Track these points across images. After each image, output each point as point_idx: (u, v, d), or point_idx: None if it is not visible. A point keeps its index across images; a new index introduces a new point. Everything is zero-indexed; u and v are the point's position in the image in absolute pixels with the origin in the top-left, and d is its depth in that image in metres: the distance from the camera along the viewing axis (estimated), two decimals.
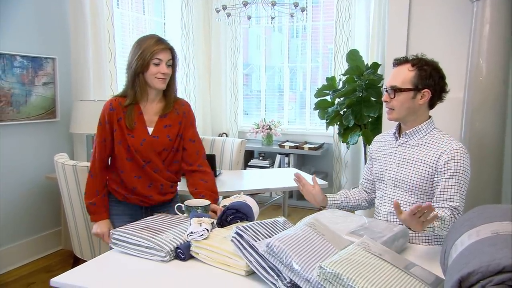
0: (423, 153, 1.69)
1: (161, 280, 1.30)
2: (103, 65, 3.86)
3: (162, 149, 1.94)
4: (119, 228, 1.51)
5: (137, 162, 1.92)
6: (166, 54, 1.88)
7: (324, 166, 5.29)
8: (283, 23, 5.53)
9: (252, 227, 1.35)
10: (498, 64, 2.19)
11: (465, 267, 0.92)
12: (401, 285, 1.11)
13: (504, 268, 0.86)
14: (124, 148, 1.91)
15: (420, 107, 1.70)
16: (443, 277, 1.22)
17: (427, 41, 2.59)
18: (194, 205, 1.74)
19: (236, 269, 1.33)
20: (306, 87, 5.54)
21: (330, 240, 1.31)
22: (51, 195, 3.56)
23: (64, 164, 2.67)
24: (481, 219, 1.11)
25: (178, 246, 1.43)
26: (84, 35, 3.64)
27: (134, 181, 1.94)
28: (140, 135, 1.91)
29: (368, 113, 4.20)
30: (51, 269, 3.28)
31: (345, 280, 1.08)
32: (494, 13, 2.18)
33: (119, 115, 1.91)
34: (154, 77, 1.87)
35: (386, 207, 1.76)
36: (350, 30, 4.96)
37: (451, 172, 1.61)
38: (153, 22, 5.13)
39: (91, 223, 2.66)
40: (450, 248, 1.13)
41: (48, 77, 3.54)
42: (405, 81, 1.67)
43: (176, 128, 1.97)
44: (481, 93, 2.21)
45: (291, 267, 1.18)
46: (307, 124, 5.52)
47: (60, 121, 3.63)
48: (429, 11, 2.61)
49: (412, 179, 1.68)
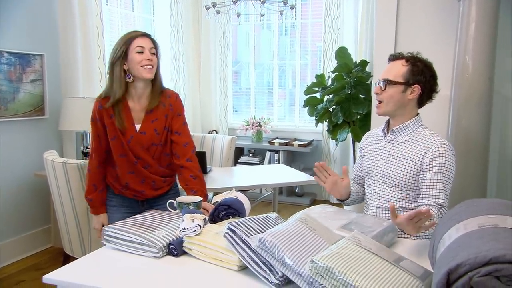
0: (409, 150, 1.71)
1: (154, 276, 1.30)
2: (92, 62, 3.83)
3: (150, 144, 1.93)
4: (111, 225, 1.51)
5: (130, 158, 1.92)
6: (146, 41, 1.85)
7: (313, 162, 5.22)
8: (272, 21, 5.54)
9: (245, 223, 1.36)
10: (483, 62, 2.22)
11: (453, 260, 0.94)
12: (392, 278, 1.13)
13: (490, 260, 0.88)
14: (118, 144, 1.91)
15: (409, 102, 1.73)
16: (431, 270, 1.24)
17: (414, 40, 2.62)
18: (186, 201, 1.74)
19: (228, 264, 1.34)
20: (295, 84, 5.56)
21: (322, 235, 1.33)
22: (40, 192, 3.53)
23: (54, 161, 2.65)
24: (468, 213, 1.13)
25: (171, 242, 1.44)
26: (72, 31, 3.61)
27: (127, 176, 1.95)
28: (128, 132, 1.90)
29: (357, 110, 4.23)
30: (41, 266, 3.25)
31: (336, 274, 1.10)
32: (479, 12, 2.21)
33: (110, 112, 1.90)
34: (139, 66, 1.82)
35: (375, 202, 1.79)
36: (339, 28, 4.99)
37: (436, 170, 1.64)
38: (142, 19, 5.10)
39: (82, 220, 2.69)
40: (438, 241, 1.16)
41: (36, 74, 3.50)
42: (397, 75, 1.71)
43: (162, 121, 1.94)
44: (467, 90, 2.24)
45: (283, 262, 1.19)
46: (297, 121, 5.54)
47: (49, 118, 3.60)
48: (417, 10, 2.64)
49: (398, 176, 1.71)
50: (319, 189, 5.23)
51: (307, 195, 5.25)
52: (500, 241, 0.94)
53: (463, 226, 1.08)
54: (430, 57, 1.76)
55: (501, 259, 0.87)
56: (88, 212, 2.68)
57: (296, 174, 3.58)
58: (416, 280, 1.16)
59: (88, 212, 2.68)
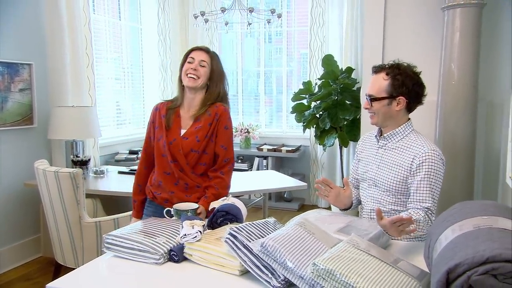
0: (399, 156, 1.75)
1: (157, 282, 1.31)
2: (81, 71, 3.81)
3: (189, 150, 1.99)
4: (111, 233, 1.50)
5: (168, 158, 2.00)
6: (200, 53, 1.99)
7: (301, 168, 5.37)
8: (258, 29, 5.59)
9: (245, 228, 1.38)
10: (468, 69, 2.29)
11: (452, 260, 0.97)
12: (391, 279, 1.16)
13: (487, 259, 0.92)
14: (161, 144, 2.01)
15: (397, 112, 1.76)
16: (427, 271, 1.28)
17: (401, 48, 2.69)
18: (184, 208, 1.75)
19: (230, 269, 1.35)
20: (282, 91, 5.61)
21: (320, 239, 1.35)
22: (30, 202, 3.49)
23: (46, 170, 2.63)
24: (463, 214, 1.17)
25: (172, 248, 1.44)
26: (61, 40, 3.59)
27: (163, 176, 2.04)
28: (172, 135, 2.01)
29: (343, 116, 4.29)
30: (31, 276, 3.21)
31: (338, 276, 1.12)
32: (463, 21, 2.28)
33: (162, 113, 2.05)
34: (185, 74, 1.97)
35: (369, 205, 1.83)
36: (324, 36, 5.06)
37: (423, 175, 1.67)
38: (129, 27, 5.09)
39: (74, 229, 2.66)
40: (434, 242, 1.19)
41: (24, 83, 3.47)
42: (380, 90, 1.74)
43: (205, 129, 2.00)
44: (453, 96, 2.31)
45: (285, 265, 1.22)
46: (284, 127, 5.58)
47: (38, 128, 3.57)
48: (403, 19, 2.71)
49: (389, 181, 1.75)
50: (307, 194, 5.27)
51: (295, 200, 5.28)
52: (495, 241, 0.98)
53: (459, 227, 1.11)
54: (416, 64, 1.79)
55: (498, 258, 0.91)
56: (81, 221, 2.66)
57: (285, 180, 3.61)
58: (413, 281, 1.20)
59: (81, 221, 2.66)
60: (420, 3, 2.66)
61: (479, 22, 2.30)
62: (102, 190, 3.21)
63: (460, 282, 0.93)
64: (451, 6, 2.31)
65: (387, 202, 1.77)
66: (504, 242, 0.96)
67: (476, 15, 2.27)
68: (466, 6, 2.27)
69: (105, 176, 3.60)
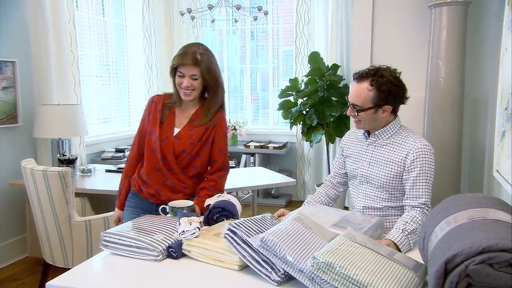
0: (392, 152, 1.77)
1: (156, 278, 1.31)
2: (66, 68, 3.76)
3: (181, 151, 1.96)
4: (109, 230, 1.50)
5: (158, 156, 1.97)
6: (188, 69, 1.87)
7: (288, 164, 5.41)
8: (244, 26, 5.59)
9: (244, 224, 1.39)
10: (455, 66, 2.35)
11: (449, 250, 1.01)
12: (388, 271, 1.19)
13: (484, 249, 0.95)
14: (153, 139, 1.98)
15: (383, 118, 1.77)
16: (422, 262, 1.32)
17: (389, 46, 2.73)
18: (179, 206, 1.76)
19: (229, 264, 1.37)
20: (267, 88, 5.63)
21: (318, 233, 1.38)
22: (16, 202, 3.44)
23: (34, 169, 2.59)
24: (456, 207, 1.21)
25: (170, 245, 1.45)
26: (45, 37, 3.53)
27: (151, 172, 2.00)
28: (165, 132, 1.98)
29: (330, 113, 4.33)
30: (18, 277, 3.16)
31: (337, 269, 1.15)
32: (450, 19, 2.34)
33: (159, 108, 2.01)
34: (179, 86, 1.93)
35: (361, 202, 1.85)
36: (310, 33, 5.09)
37: (418, 170, 1.70)
38: (113, 24, 5.04)
39: (63, 228, 2.64)
40: (429, 235, 1.23)
41: (8, 81, 3.40)
42: (366, 101, 1.72)
43: (200, 133, 1.97)
44: (441, 92, 2.36)
45: (285, 259, 1.24)
46: (271, 124, 5.61)
47: (23, 126, 3.51)
48: (391, 17, 2.75)
49: (383, 178, 1.77)
50: (294, 190, 5.31)
51: (283, 196, 5.32)
52: (490, 231, 1.01)
53: (453, 219, 1.15)
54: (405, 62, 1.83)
55: (494, 247, 0.94)
56: (71, 220, 2.64)
57: (274, 176, 3.63)
58: (409, 272, 1.23)
59: (71, 220, 2.64)
60: (407, 1, 2.70)
61: (465, 20, 2.35)
62: (90, 189, 3.18)
63: (458, 272, 0.96)
64: (438, 4, 2.36)
65: (380, 199, 1.80)
66: (498, 232, 1.00)
67: (462, 13, 2.33)
68: (452, 4, 2.32)
69: (92, 175, 3.57)
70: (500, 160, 1.71)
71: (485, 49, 2.57)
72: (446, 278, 0.98)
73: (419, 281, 1.23)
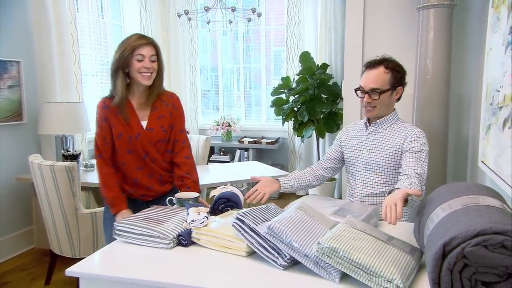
0: (391, 139, 1.84)
1: (168, 264, 1.32)
2: (68, 68, 3.73)
3: (157, 140, 1.94)
4: (122, 220, 1.51)
5: (138, 153, 1.92)
6: (148, 49, 1.82)
7: (280, 158, 5.43)
8: (237, 27, 5.59)
9: (251, 213, 1.41)
10: (441, 65, 2.39)
11: (446, 234, 1.03)
12: (387, 254, 1.22)
13: (479, 232, 0.98)
14: (125, 141, 1.90)
15: (393, 101, 1.88)
16: (417, 246, 1.35)
17: (380, 45, 2.76)
18: (186, 197, 1.77)
19: (237, 251, 1.38)
20: (260, 86, 5.64)
21: (320, 221, 1.40)
22: (22, 195, 3.42)
23: (41, 164, 2.58)
24: (450, 195, 1.24)
25: (180, 233, 1.46)
26: (48, 38, 3.50)
27: (136, 172, 1.94)
28: (134, 129, 1.90)
29: (320, 109, 4.36)
30: (25, 267, 3.14)
31: (341, 253, 1.17)
32: (436, 21, 2.37)
33: (114, 111, 1.90)
34: (138, 72, 1.83)
35: (359, 189, 1.89)
36: (300, 34, 5.11)
37: (416, 149, 1.76)
38: (112, 25, 4.99)
39: (70, 220, 2.63)
40: (425, 221, 1.26)
41: (13, 80, 3.37)
42: (385, 83, 1.81)
43: (168, 119, 1.96)
44: (428, 90, 2.40)
45: (291, 245, 1.26)
46: (263, 121, 5.62)
47: (27, 123, 3.48)
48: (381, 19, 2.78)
49: (382, 160, 1.83)
50: None
51: None
52: (484, 216, 1.04)
53: (448, 206, 1.18)
54: None
55: (488, 230, 0.97)
56: (77, 212, 2.63)
57: (268, 169, 3.65)
58: (406, 255, 1.26)
59: (77, 212, 2.63)
60: (396, 4, 2.73)
61: (451, 21, 2.39)
62: (94, 183, 3.16)
63: (455, 254, 0.99)
64: (425, 6, 2.39)
65: (377, 184, 1.84)
66: (492, 216, 1.03)
67: (448, 15, 2.36)
68: (438, 6, 2.35)
69: (95, 170, 3.55)
70: (485, 151, 1.75)
71: (469, 49, 2.61)
72: (444, 259, 1.01)
73: (416, 264, 1.26)
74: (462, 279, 0.99)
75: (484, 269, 0.98)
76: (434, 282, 1.02)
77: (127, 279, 1.23)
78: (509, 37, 1.35)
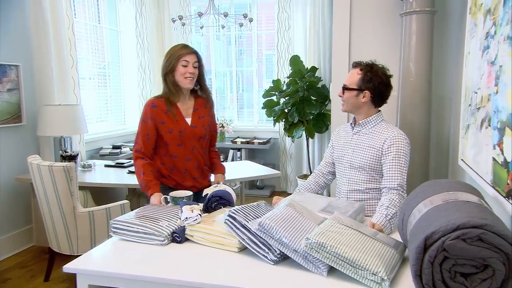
0: (372, 140, 1.85)
1: (164, 260, 1.32)
2: (66, 72, 3.69)
3: (200, 137, 2.13)
4: (117, 218, 1.50)
5: (187, 145, 2.10)
6: (192, 57, 2.05)
7: (272, 158, 5.44)
8: (230, 32, 5.58)
9: (242, 210, 1.41)
10: (423, 67, 2.41)
11: (428, 228, 1.05)
12: (372, 248, 1.23)
13: (458, 226, 0.99)
14: (175, 135, 2.07)
15: (363, 104, 1.85)
16: (401, 241, 1.36)
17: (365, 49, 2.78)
18: (180, 195, 1.77)
19: (229, 247, 1.38)
20: (252, 89, 5.65)
21: (308, 217, 1.41)
22: (21, 195, 3.38)
23: (40, 165, 2.56)
24: (431, 191, 1.25)
25: (174, 230, 1.46)
26: (46, 43, 3.47)
27: (186, 163, 2.12)
28: (181, 125, 2.09)
29: (310, 111, 4.38)
30: (25, 264, 3.11)
31: (329, 248, 1.18)
32: (418, 26, 2.39)
33: (164, 109, 2.08)
34: (183, 77, 2.03)
35: (345, 186, 1.90)
36: (290, 38, 5.12)
37: (393, 154, 1.78)
38: (108, 30, 4.97)
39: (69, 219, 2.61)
40: (408, 216, 1.27)
41: (12, 84, 3.33)
42: (352, 82, 1.85)
43: (207, 119, 2.18)
44: (411, 91, 2.42)
45: (281, 241, 1.26)
46: (255, 122, 5.63)
47: (26, 125, 3.45)
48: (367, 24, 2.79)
49: (364, 161, 1.84)
50: (277, 181, 5.35)
51: (267, 187, 5.35)
52: (463, 211, 1.06)
53: (430, 202, 1.19)
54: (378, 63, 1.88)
55: (467, 224, 0.98)
56: (75, 211, 2.61)
57: (260, 169, 3.65)
58: (390, 249, 1.27)
59: (75, 211, 2.61)
60: (381, 10, 2.75)
61: (432, 26, 2.41)
62: (92, 182, 3.15)
63: (436, 247, 1.00)
64: (408, 12, 2.42)
65: (361, 181, 1.86)
66: (470, 211, 1.05)
67: (429, 20, 2.38)
68: (420, 12, 2.37)
69: (92, 170, 3.53)
70: (464, 150, 1.77)
71: (449, 53, 2.64)
72: (425, 252, 1.02)
73: (399, 257, 1.27)
74: (442, 270, 1.01)
75: (462, 261, 0.99)
76: (416, 274, 1.03)
77: (122, 275, 1.23)
78: (485, 42, 1.36)
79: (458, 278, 1.00)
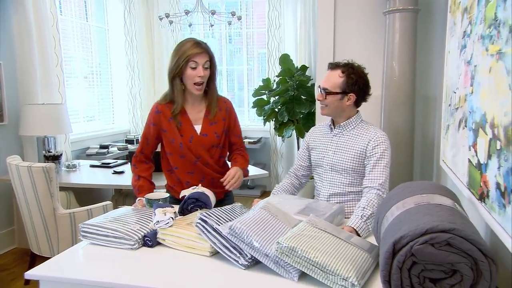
0: (354, 141, 1.82)
1: (133, 265, 1.29)
2: (50, 70, 3.65)
3: (211, 146, 1.91)
4: (87, 222, 1.47)
5: (189, 158, 1.90)
6: (202, 56, 1.80)
7: (262, 157, 5.41)
8: (220, 30, 5.55)
9: (214, 213, 1.38)
10: (407, 66, 2.39)
11: (397, 233, 1.02)
12: (345, 253, 1.21)
13: (427, 231, 0.97)
14: (176, 146, 1.89)
15: (347, 107, 1.82)
16: (376, 244, 1.34)
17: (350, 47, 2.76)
18: (155, 197, 1.74)
19: (201, 251, 1.36)
20: (243, 88, 5.62)
21: (283, 220, 1.38)
22: (3, 196, 3.34)
23: (19, 165, 2.52)
24: (405, 194, 1.23)
25: (146, 234, 1.43)
26: (29, 40, 3.42)
27: (187, 177, 1.93)
28: (187, 133, 1.88)
29: (300, 110, 4.36)
30: (7, 267, 3.07)
31: (299, 252, 1.16)
32: (402, 24, 2.37)
33: (168, 116, 1.88)
34: (191, 82, 1.82)
35: (326, 189, 1.87)
36: (281, 37, 5.10)
37: (378, 156, 1.76)
38: (96, 28, 4.92)
39: (49, 221, 2.57)
40: (382, 219, 1.25)
41: None
42: (335, 86, 1.79)
43: (221, 124, 1.93)
44: (395, 90, 2.40)
45: (251, 245, 1.24)
46: (246, 121, 5.60)
47: (8, 125, 3.40)
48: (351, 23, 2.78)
49: (347, 163, 1.81)
50: (268, 181, 5.33)
51: (258, 187, 5.33)
52: (433, 215, 1.04)
53: (402, 205, 1.17)
54: (362, 63, 1.86)
55: (435, 229, 0.96)
56: (55, 213, 2.58)
57: (250, 169, 3.62)
58: (364, 253, 1.25)
59: (55, 213, 2.58)
60: (364, 8, 2.73)
61: (415, 25, 2.39)
62: (75, 183, 3.11)
63: (404, 252, 0.98)
64: (391, 11, 2.40)
65: (343, 184, 1.83)
66: (440, 215, 1.03)
67: (413, 19, 2.37)
68: (404, 11, 2.36)
69: (77, 170, 3.50)
70: (445, 151, 1.76)
71: (433, 51, 2.62)
72: (394, 257, 1.00)
73: (373, 261, 1.25)
74: (411, 276, 0.98)
75: (431, 266, 0.97)
76: (385, 279, 1.01)
77: (88, 281, 1.20)
78: (463, 41, 1.34)
79: (427, 284, 0.98)
